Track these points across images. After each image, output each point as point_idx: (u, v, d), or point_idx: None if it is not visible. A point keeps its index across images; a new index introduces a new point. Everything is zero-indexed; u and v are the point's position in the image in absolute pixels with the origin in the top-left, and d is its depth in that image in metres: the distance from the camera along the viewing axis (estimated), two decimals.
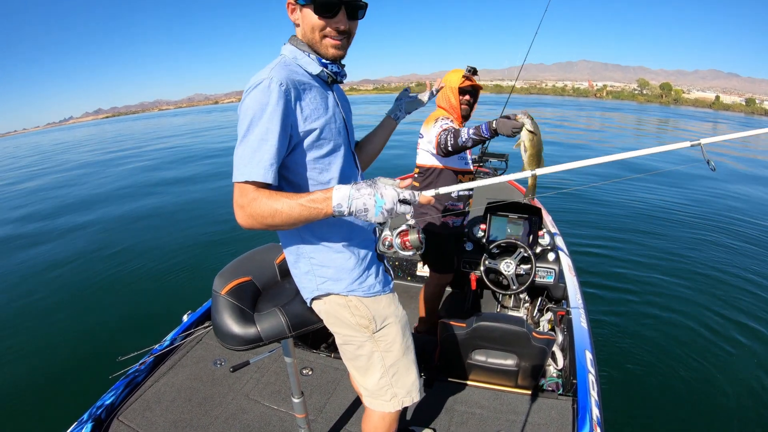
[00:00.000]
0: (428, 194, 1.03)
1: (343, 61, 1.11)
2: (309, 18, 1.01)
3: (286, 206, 0.94)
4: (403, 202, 0.95)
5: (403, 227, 1.04)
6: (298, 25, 1.06)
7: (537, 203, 3.17)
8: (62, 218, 7.31)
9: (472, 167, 2.45)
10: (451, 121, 2.25)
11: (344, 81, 1.14)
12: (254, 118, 0.93)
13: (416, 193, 0.98)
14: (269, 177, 0.95)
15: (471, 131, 1.97)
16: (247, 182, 0.94)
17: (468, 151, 2.36)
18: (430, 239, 2.14)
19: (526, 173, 1.36)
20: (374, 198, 0.93)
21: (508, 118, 1.75)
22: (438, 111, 2.33)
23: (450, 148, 2.07)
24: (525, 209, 2.74)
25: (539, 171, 1.32)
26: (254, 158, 0.94)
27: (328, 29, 1.02)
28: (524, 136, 1.44)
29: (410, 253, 1.04)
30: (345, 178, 1.10)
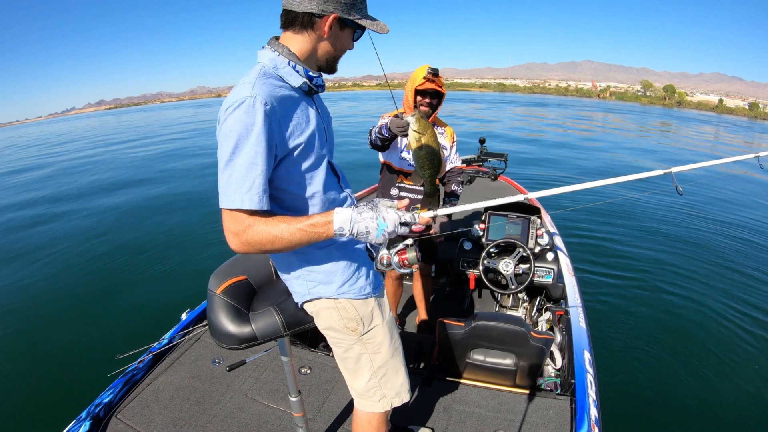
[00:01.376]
0: (426, 216, 1.07)
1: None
2: (345, 38, 1.05)
3: (286, 232, 0.94)
4: (404, 224, 1.00)
5: (401, 246, 1.05)
6: (323, 36, 1.01)
7: (536, 203, 3.17)
8: (59, 213, 7.29)
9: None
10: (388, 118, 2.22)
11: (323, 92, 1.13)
12: (240, 140, 0.89)
13: (415, 215, 1.02)
14: (264, 203, 0.93)
15: (376, 130, 2.03)
16: (239, 209, 0.92)
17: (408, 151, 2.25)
18: None
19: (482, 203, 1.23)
20: (377, 221, 0.97)
21: (398, 116, 1.71)
22: (398, 111, 2.33)
23: (369, 145, 2.19)
24: (524, 209, 2.74)
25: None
26: (244, 184, 0.91)
27: (346, 50, 1.08)
28: (410, 137, 1.33)
29: (407, 270, 1.07)
30: (328, 189, 1.09)
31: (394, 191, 2.32)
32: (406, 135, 1.53)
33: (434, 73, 2.08)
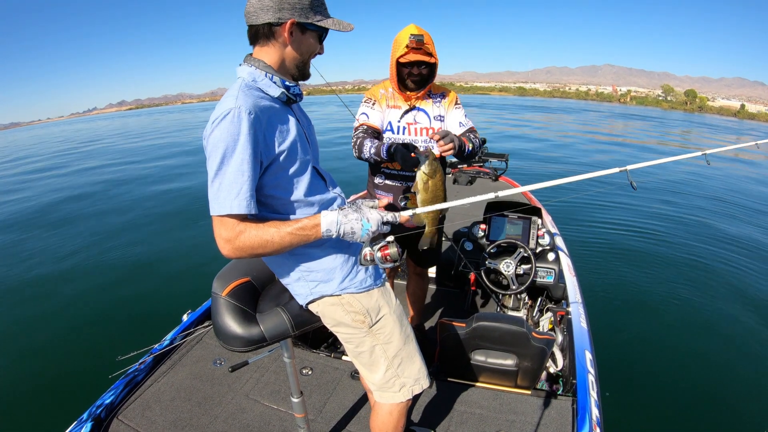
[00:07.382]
0: (405, 215, 1.14)
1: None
2: (309, 42, 1.07)
3: (277, 236, 1.00)
4: (386, 223, 1.07)
5: (383, 242, 1.09)
6: (286, 44, 1.03)
7: (537, 203, 3.17)
8: (61, 214, 7.31)
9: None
10: (373, 104, 1.95)
11: (301, 101, 1.14)
12: (227, 149, 0.94)
13: (396, 214, 1.09)
14: (252, 208, 0.98)
15: (373, 150, 1.76)
16: (229, 215, 0.96)
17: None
18: None
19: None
20: (361, 222, 1.04)
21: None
22: (383, 83, 2.02)
23: (355, 155, 1.90)
24: (525, 209, 2.74)
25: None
26: (233, 190, 0.95)
27: (315, 54, 1.10)
28: (418, 177, 1.29)
29: (390, 265, 1.09)
30: (314, 192, 1.12)
31: (378, 179, 2.06)
32: (413, 171, 1.42)
33: (418, 40, 1.72)
